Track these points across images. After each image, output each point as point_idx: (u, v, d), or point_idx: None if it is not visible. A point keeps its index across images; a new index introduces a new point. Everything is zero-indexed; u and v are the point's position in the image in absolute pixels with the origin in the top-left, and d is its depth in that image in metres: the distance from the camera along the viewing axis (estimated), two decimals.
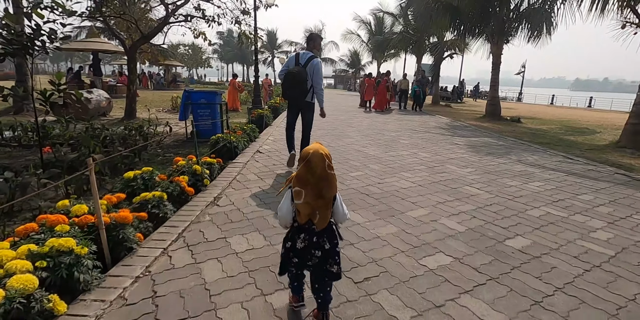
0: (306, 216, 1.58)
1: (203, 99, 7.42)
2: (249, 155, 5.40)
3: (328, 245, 1.62)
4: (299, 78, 4.23)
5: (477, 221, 3.10)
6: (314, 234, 1.61)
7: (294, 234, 1.65)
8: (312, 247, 1.61)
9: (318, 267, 1.63)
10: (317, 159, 1.51)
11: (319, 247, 1.61)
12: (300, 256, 1.64)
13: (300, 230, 1.63)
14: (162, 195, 3.03)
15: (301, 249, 1.63)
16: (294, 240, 1.64)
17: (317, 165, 1.51)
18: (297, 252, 1.64)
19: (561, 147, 7.52)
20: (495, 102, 12.54)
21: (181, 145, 6.82)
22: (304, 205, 1.55)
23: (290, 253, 1.66)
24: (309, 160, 1.52)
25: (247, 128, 6.64)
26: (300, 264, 1.66)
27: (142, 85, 29.12)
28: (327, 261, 1.63)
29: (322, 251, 1.61)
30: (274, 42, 49.05)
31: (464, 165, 5.20)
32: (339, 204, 1.62)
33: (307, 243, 1.62)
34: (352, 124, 9.65)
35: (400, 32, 20.33)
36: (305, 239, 1.62)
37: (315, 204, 1.55)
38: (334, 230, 1.66)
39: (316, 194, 1.54)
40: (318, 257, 1.61)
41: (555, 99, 32.20)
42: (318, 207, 1.56)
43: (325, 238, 1.62)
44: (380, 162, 5.22)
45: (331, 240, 1.64)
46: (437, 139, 7.70)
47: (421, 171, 4.78)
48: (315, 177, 1.52)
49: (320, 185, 1.53)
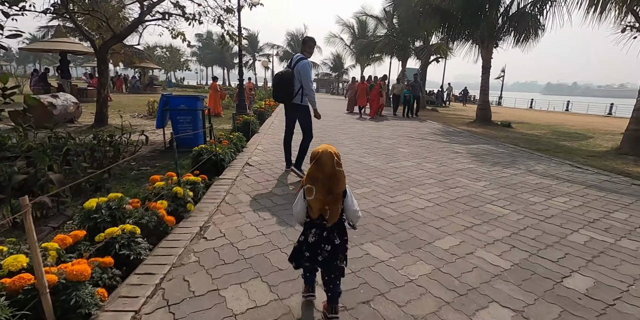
0: (318, 211, 1.66)
1: (183, 105, 6.74)
2: (238, 168, 4.77)
3: (338, 240, 1.71)
4: (284, 78, 4.31)
5: (520, 253, 2.61)
6: (324, 229, 1.70)
7: (307, 229, 1.75)
8: (322, 241, 1.70)
9: (328, 262, 1.71)
10: (326, 157, 1.61)
11: (329, 241, 1.70)
12: (311, 250, 1.73)
13: (313, 225, 1.72)
14: (134, 230, 2.39)
15: (312, 242, 1.71)
16: (307, 234, 1.74)
17: (326, 163, 1.61)
18: (308, 245, 1.73)
19: (562, 153, 7.26)
20: (486, 106, 12.36)
21: (159, 157, 6.10)
22: (315, 201, 1.64)
23: (303, 246, 1.76)
24: (319, 158, 1.62)
25: (234, 137, 6.00)
26: (311, 258, 1.73)
27: (117, 89, 27.80)
28: (337, 256, 1.72)
29: (331, 246, 1.70)
30: (255, 45, 48.26)
31: (475, 178, 4.76)
32: (349, 199, 1.71)
33: (318, 237, 1.71)
34: (344, 130, 9.14)
35: (386, 35, 20.07)
36: (316, 233, 1.71)
37: (326, 199, 1.64)
38: (344, 227, 1.75)
39: (326, 190, 1.62)
40: (327, 251, 1.70)
41: (535, 103, 32.89)
42: (328, 202, 1.64)
43: (335, 233, 1.71)
44: (384, 176, 4.70)
45: (341, 236, 1.73)
46: (436, 146, 7.28)
47: (432, 186, 4.29)
48: (325, 174, 1.61)
49: (329, 182, 1.62)
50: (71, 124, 9.46)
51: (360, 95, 13.44)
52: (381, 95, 12.76)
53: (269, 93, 24.97)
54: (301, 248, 1.78)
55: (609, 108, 27.03)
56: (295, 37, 41.51)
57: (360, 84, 13.81)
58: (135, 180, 4.77)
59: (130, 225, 2.44)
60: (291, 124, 4.80)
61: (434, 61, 18.73)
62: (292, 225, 2.93)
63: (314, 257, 1.73)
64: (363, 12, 25.74)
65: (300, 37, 41.81)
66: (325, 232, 1.71)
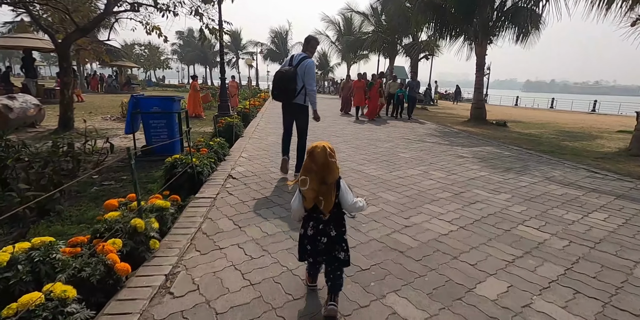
0: (311, 200, 1.70)
1: (156, 107, 5.93)
2: (219, 183, 4.04)
3: (334, 232, 1.77)
4: (286, 77, 4.11)
5: (589, 303, 2.00)
6: (321, 222, 1.77)
7: (305, 222, 1.82)
8: (318, 234, 1.78)
9: (327, 253, 1.78)
10: (320, 150, 1.67)
11: (325, 234, 1.77)
12: (311, 243, 1.80)
13: (310, 218, 1.79)
14: (67, 294, 1.66)
15: (310, 235, 1.79)
16: (305, 227, 1.82)
17: (320, 154, 1.67)
18: (308, 238, 1.81)
19: (568, 155, 6.81)
20: (481, 105, 11.93)
21: (128, 168, 5.28)
22: (309, 191, 1.68)
23: (304, 240, 1.83)
24: (312, 151, 1.69)
25: (214, 143, 5.25)
26: (313, 251, 1.80)
27: (92, 88, 26.40)
28: (334, 247, 1.78)
29: (327, 238, 1.77)
30: (238, 42, 47.06)
31: (493, 189, 4.17)
32: (344, 191, 1.75)
33: (315, 230, 1.78)
34: (336, 133, 8.48)
35: (374, 31, 19.47)
36: (313, 226, 1.78)
37: (320, 189, 1.68)
38: (341, 219, 1.81)
39: (319, 180, 1.67)
40: (324, 243, 1.77)
41: (520, 100, 33.05)
42: (322, 192, 1.69)
43: (332, 226, 1.77)
44: (391, 189, 4.06)
45: (338, 228, 1.78)
46: (438, 150, 6.70)
47: (449, 202, 3.67)
48: (318, 165, 1.67)
49: (322, 172, 1.67)
50: (32, 128, 8.47)
51: (357, 95, 11.97)
52: (381, 94, 11.60)
53: (254, 92, 24.09)
54: (303, 241, 1.84)
55: (592, 105, 27.37)
56: (279, 34, 40.62)
57: (356, 81, 12.22)
58: (96, 199, 3.99)
59: (62, 285, 1.70)
60: (290, 124, 4.55)
61: (424, 58, 18.27)
62: (291, 268, 2.25)
63: (314, 250, 1.80)
64: (349, 8, 25.14)
65: (284, 34, 40.99)
66: (321, 225, 1.77)
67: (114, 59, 26.58)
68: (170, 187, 3.84)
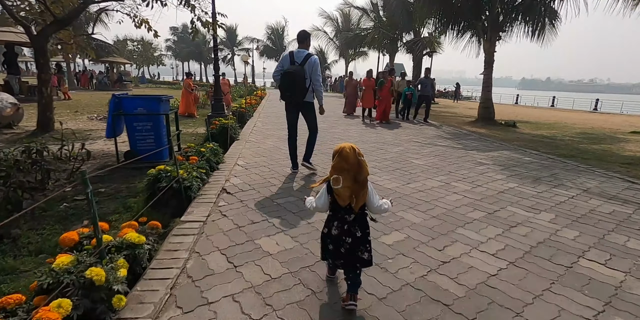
0: (347, 198, 1.72)
1: (141, 108, 5.28)
2: (210, 199, 3.42)
3: (359, 233, 1.78)
4: (299, 77, 4.07)
5: None
6: (346, 222, 1.78)
7: (330, 221, 1.84)
8: (343, 234, 1.78)
9: (350, 253, 1.78)
10: (348, 149, 1.72)
11: (350, 234, 1.77)
12: (334, 242, 1.81)
13: (335, 218, 1.81)
14: None
15: (335, 235, 1.79)
16: (330, 227, 1.83)
17: (349, 154, 1.71)
18: (331, 238, 1.82)
19: (593, 161, 6.27)
20: (489, 104, 11.34)
21: (107, 178, 4.65)
22: (344, 189, 1.71)
23: (327, 239, 1.85)
24: (341, 151, 1.73)
25: (206, 150, 4.63)
26: (335, 252, 1.81)
27: (82, 85, 25.53)
28: (358, 248, 1.78)
29: (352, 238, 1.77)
30: (234, 38, 46.18)
31: (531, 206, 3.59)
32: (370, 192, 1.78)
33: (340, 230, 1.78)
34: (340, 135, 7.86)
35: (375, 27, 18.80)
36: (338, 226, 1.79)
37: (353, 187, 1.71)
38: (366, 220, 1.82)
39: (352, 179, 1.71)
40: (349, 243, 1.77)
41: (520, 99, 32.61)
42: (355, 190, 1.72)
43: (357, 226, 1.78)
44: (412, 206, 3.46)
45: (363, 229, 1.80)
46: (453, 155, 6.12)
47: (485, 224, 3.08)
48: (349, 164, 1.70)
49: (354, 170, 1.71)
50: (9, 129, 7.77)
51: (366, 95, 10.45)
52: (392, 94, 10.36)
53: (250, 90, 23.37)
54: (325, 240, 1.87)
55: (594, 104, 26.96)
56: (276, 30, 39.81)
57: (365, 80, 10.64)
58: (64, 219, 3.37)
59: None
60: (295, 120, 4.50)
61: (426, 55, 17.66)
62: None
63: (337, 250, 1.80)
64: (347, 3, 24.42)
65: (280, 30, 40.18)
66: (346, 225, 1.78)
67: (105, 55, 25.75)
68: (153, 205, 3.24)
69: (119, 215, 3.47)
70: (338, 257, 1.81)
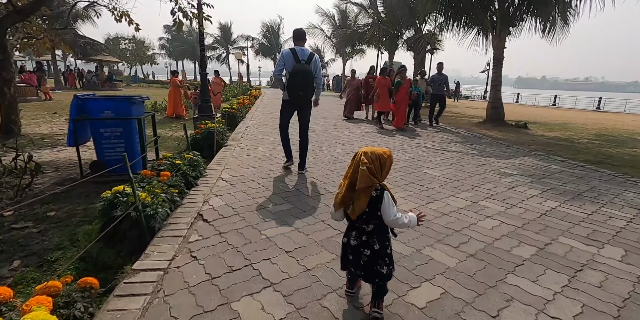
0: (338, 204, 1.69)
1: (108, 111, 4.48)
2: (180, 232, 2.64)
3: (377, 245, 1.68)
4: (309, 76, 4.11)
5: None
6: (364, 233, 1.69)
7: (349, 231, 1.77)
8: (362, 245, 1.70)
9: (369, 266, 1.68)
10: (359, 156, 1.63)
11: (368, 246, 1.69)
12: (354, 253, 1.73)
13: (353, 228, 1.74)
14: None
15: (354, 246, 1.72)
16: (349, 236, 1.75)
17: (357, 160, 1.64)
18: (350, 248, 1.74)
19: (627, 168, 5.58)
20: (498, 104, 10.62)
21: (65, 195, 3.84)
22: (337, 194, 1.69)
23: (347, 249, 1.77)
24: (354, 155, 1.68)
25: (183, 162, 3.84)
26: (354, 262, 1.73)
27: (69, 85, 24.57)
28: (376, 262, 1.68)
29: (370, 251, 1.68)
30: (229, 37, 45.23)
31: (588, 237, 2.84)
32: (386, 204, 1.64)
33: (359, 241, 1.70)
34: (340, 138, 7.09)
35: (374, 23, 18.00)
36: (356, 237, 1.71)
37: (347, 194, 1.65)
38: (385, 232, 1.70)
39: (349, 186, 1.64)
40: (367, 255, 1.68)
41: (521, 97, 31.99)
42: (350, 198, 1.66)
43: (375, 239, 1.68)
44: (439, 239, 2.70)
45: (381, 241, 1.69)
46: (470, 163, 5.37)
47: (542, 268, 2.32)
48: (351, 170, 1.65)
49: (353, 178, 1.62)
50: None
51: (382, 97, 8.76)
52: (410, 96, 8.69)
53: (244, 89, 22.52)
54: (345, 250, 1.79)
55: (597, 102, 26.37)
56: (271, 28, 38.96)
57: (380, 79, 8.90)
58: None
59: None
60: (289, 118, 4.46)
61: (428, 52, 16.91)
62: None
63: (356, 261, 1.72)
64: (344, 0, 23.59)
65: (276, 28, 39.33)
66: (364, 236, 1.70)
67: (94, 53, 24.80)
68: (106, 238, 2.49)
69: (62, 253, 2.69)
70: (357, 268, 1.73)
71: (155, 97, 15.06)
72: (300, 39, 4.29)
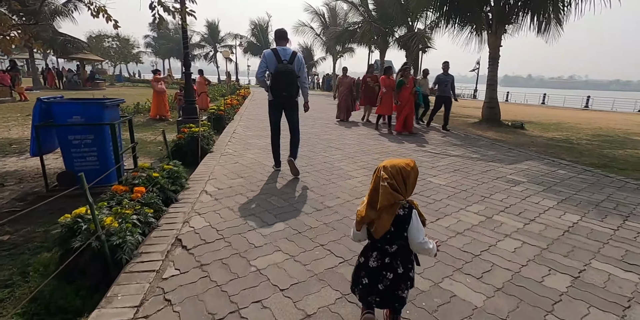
0: (358, 223, 1.49)
1: (77, 116, 4.00)
2: (152, 266, 2.21)
3: (401, 269, 1.50)
4: (292, 77, 4.00)
5: None
6: (387, 255, 1.50)
7: (368, 251, 1.56)
8: (384, 268, 1.50)
9: (389, 291, 1.50)
10: (378, 170, 1.46)
11: (391, 269, 1.49)
12: (371, 277, 1.52)
13: (374, 248, 1.53)
14: None
15: (374, 268, 1.51)
16: (367, 257, 1.55)
17: (377, 175, 1.45)
18: (368, 271, 1.53)
19: (634, 172, 5.33)
20: (494, 104, 10.36)
21: (25, 215, 3.33)
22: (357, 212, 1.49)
23: (362, 271, 1.56)
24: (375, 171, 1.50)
25: (160, 175, 3.39)
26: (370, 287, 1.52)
27: (49, 85, 23.60)
28: (398, 286, 1.50)
29: (394, 274, 1.49)
30: (216, 34, 44.37)
31: (621, 259, 2.51)
32: (414, 225, 1.42)
33: (380, 263, 1.51)
34: (334, 142, 6.70)
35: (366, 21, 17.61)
36: (377, 258, 1.52)
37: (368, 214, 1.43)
38: (409, 254, 1.51)
39: (369, 204, 1.45)
40: (390, 279, 1.49)
41: (510, 96, 32.10)
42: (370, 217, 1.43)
43: (398, 261, 1.49)
44: (461, 268, 2.33)
45: (405, 264, 1.51)
46: (474, 169, 5.04)
47: (583, 303, 1.97)
48: (372, 186, 1.46)
49: (372, 195, 1.44)
50: None
51: (386, 98, 8.09)
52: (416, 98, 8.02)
53: (233, 88, 21.94)
54: (359, 273, 1.57)
55: (585, 101, 26.56)
56: (260, 26, 38.30)
57: (384, 78, 8.20)
58: None
59: None
60: (279, 121, 4.36)
61: (420, 51, 16.63)
62: None
63: (373, 285, 1.51)
64: None
65: (264, 26, 38.69)
66: (387, 258, 1.49)
67: (75, 52, 23.85)
68: (64, 273, 2.08)
69: (10, 291, 2.23)
70: (372, 293, 1.52)
71: (139, 97, 14.46)
72: (282, 38, 4.27)
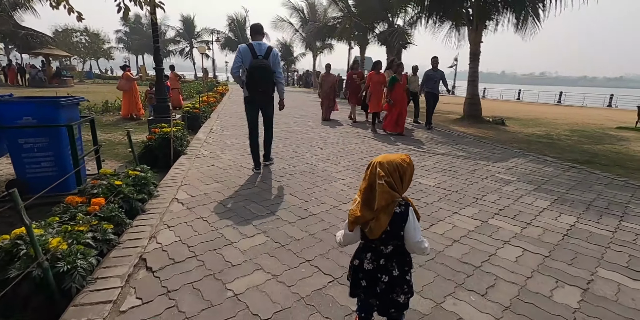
0: (352, 224, 1.37)
1: (29, 117, 3.55)
2: (109, 295, 1.87)
3: (397, 271, 1.40)
4: (269, 71, 3.91)
5: None
6: (382, 256, 1.40)
7: (361, 252, 1.46)
8: (379, 270, 1.40)
9: (385, 295, 1.41)
10: (373, 167, 1.34)
11: (386, 271, 1.40)
12: (368, 279, 1.43)
13: (368, 249, 1.43)
14: None
15: (369, 270, 1.42)
16: (362, 259, 1.45)
17: (372, 172, 1.33)
18: (365, 273, 1.43)
19: (616, 168, 5.37)
20: (476, 101, 10.34)
21: None
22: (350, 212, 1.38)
23: (359, 274, 1.45)
24: (368, 167, 1.37)
25: (124, 183, 3.01)
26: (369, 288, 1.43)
27: (10, 82, 22.13)
28: (394, 290, 1.40)
29: (389, 277, 1.39)
30: (192, 30, 43.04)
31: (627, 265, 2.36)
32: (411, 224, 1.34)
33: (375, 265, 1.41)
34: (316, 141, 6.41)
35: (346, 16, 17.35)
36: (372, 259, 1.42)
37: (364, 214, 1.32)
38: (405, 255, 1.43)
39: (364, 203, 1.33)
40: (385, 282, 1.39)
41: (487, 92, 32.72)
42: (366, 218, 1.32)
43: (394, 263, 1.40)
44: (462, 283, 2.11)
45: (401, 266, 1.41)
46: (463, 168, 4.89)
47: None
48: (365, 184, 1.35)
49: (368, 195, 1.33)
50: None
51: (374, 94, 7.72)
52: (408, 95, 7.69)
53: (210, 86, 21.23)
54: (357, 275, 1.46)
55: (557, 97, 27.40)
56: (237, 21, 37.40)
57: (372, 74, 7.80)
58: None
59: None
60: (256, 119, 4.27)
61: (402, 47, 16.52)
62: None
63: (372, 288, 1.42)
64: None
65: (242, 21, 37.83)
66: (382, 259, 1.40)
67: (38, 46, 22.46)
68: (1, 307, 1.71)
69: None
70: (373, 295, 1.42)
71: (109, 94, 13.66)
72: (258, 33, 4.15)
